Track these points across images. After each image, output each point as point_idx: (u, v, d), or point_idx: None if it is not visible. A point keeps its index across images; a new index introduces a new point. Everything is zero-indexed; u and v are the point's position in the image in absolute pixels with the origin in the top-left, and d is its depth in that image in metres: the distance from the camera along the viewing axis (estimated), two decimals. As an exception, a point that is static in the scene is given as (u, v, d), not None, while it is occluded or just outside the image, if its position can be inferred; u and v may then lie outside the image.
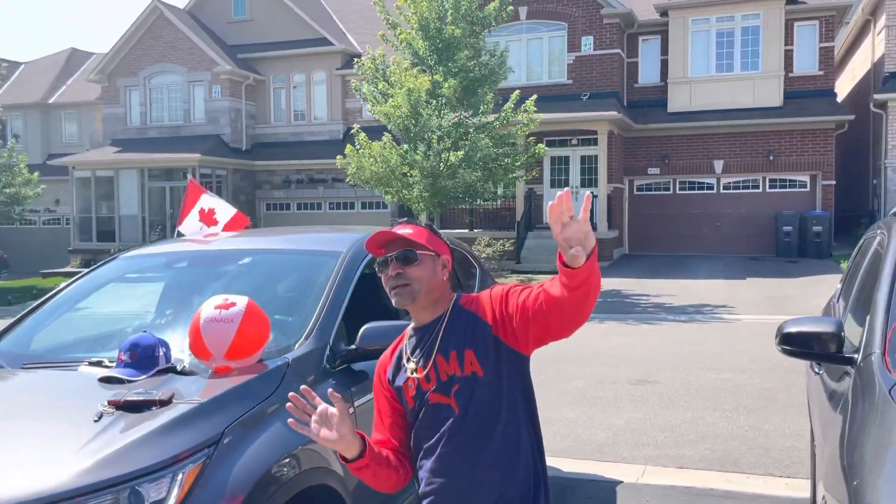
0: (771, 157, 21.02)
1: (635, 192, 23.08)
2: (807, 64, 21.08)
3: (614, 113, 19.97)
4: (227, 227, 4.29)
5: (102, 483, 2.02)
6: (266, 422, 2.47)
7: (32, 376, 2.86)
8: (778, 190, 21.50)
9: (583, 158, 22.10)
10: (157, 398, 2.35)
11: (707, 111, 21.35)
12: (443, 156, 16.30)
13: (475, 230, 21.46)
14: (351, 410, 2.07)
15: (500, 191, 22.13)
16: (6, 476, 2.03)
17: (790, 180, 21.40)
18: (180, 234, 4.43)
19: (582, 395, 7.65)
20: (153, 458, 2.10)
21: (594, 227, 20.26)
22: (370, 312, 3.16)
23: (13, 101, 30.06)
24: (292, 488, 2.39)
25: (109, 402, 2.34)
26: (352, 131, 17.61)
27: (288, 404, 1.90)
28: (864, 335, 2.49)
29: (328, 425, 1.88)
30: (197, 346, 2.67)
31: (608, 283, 17.46)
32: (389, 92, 16.34)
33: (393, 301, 2.01)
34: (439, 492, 1.95)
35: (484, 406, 1.95)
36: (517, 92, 17.08)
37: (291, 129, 26.52)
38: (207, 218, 4.08)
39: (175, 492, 2.08)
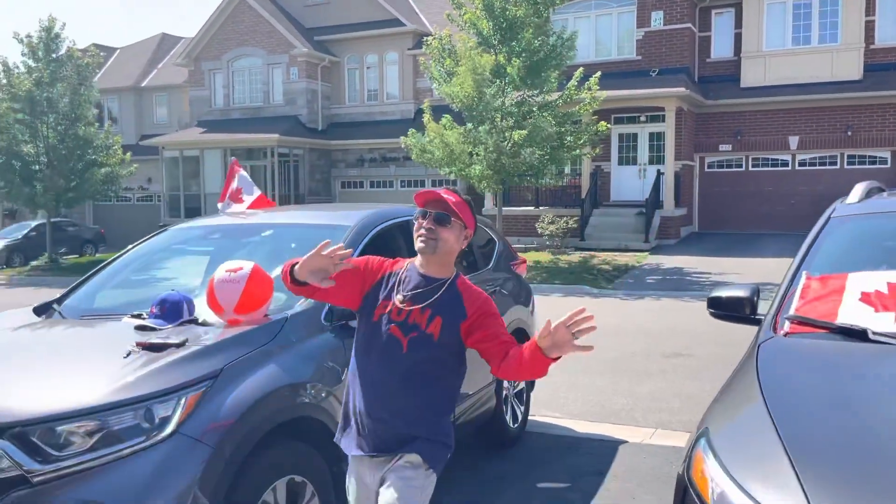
0: (849, 133, 20.34)
1: (706, 170, 22.75)
2: (889, 35, 20.20)
3: (682, 89, 19.75)
4: (251, 207, 4.85)
5: (124, 402, 2.61)
6: (261, 364, 3.01)
7: (86, 325, 3.55)
8: (857, 167, 20.78)
9: (651, 135, 21.93)
10: (173, 342, 2.94)
11: (782, 86, 20.81)
12: (506, 135, 16.62)
13: (540, 207, 21.70)
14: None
15: (566, 168, 22.29)
16: (54, 394, 2.65)
17: (870, 157, 20.65)
18: (224, 207, 4.99)
19: (613, 365, 7.98)
20: (163, 384, 2.68)
21: (661, 205, 20.29)
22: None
23: (109, 86, 32.03)
24: (278, 417, 2.94)
25: (137, 344, 2.94)
26: (422, 109, 18.09)
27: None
28: (772, 300, 2.82)
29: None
30: (212, 303, 3.25)
31: (671, 262, 17.46)
32: (454, 70, 16.76)
33: (417, 245, 2.45)
34: (362, 396, 2.45)
35: (425, 360, 2.42)
36: (581, 70, 17.19)
37: (365, 108, 27.31)
38: (235, 196, 4.66)
39: (178, 412, 2.65)
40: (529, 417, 5.90)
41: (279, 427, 2.95)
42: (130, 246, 4.46)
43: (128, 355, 2.87)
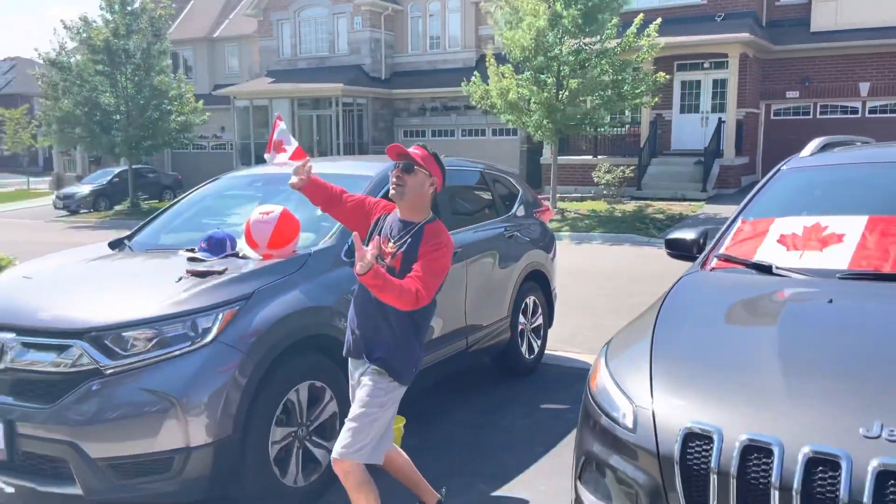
0: (924, 79, 19.56)
1: (772, 117, 22.28)
2: (972, -26, 19.16)
3: (746, 35, 19.31)
4: (292, 158, 5.49)
5: (175, 314, 3.29)
6: (287, 289, 3.65)
7: (150, 256, 4.29)
8: (930, 114, 20.05)
9: (715, 82, 21.55)
10: (215, 269, 3.60)
11: (854, 30, 20.07)
12: (562, 83, 16.75)
13: (598, 157, 21.77)
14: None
15: (627, 115, 22.19)
16: (121, 308, 3.35)
17: (945, 103, 19.86)
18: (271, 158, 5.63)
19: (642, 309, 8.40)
20: (205, 302, 3.35)
21: (721, 154, 20.10)
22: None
23: (183, 37, 33.22)
24: (299, 333, 3.59)
25: (187, 272, 3.61)
26: (484, 55, 18.27)
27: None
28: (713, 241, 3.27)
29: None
30: (248, 240, 3.90)
31: (727, 211, 17.41)
32: (512, 19, 16.90)
33: (390, 193, 3.03)
34: (352, 312, 3.12)
35: None
36: (640, 16, 17.02)
37: (427, 57, 27.61)
38: (278, 147, 5.30)
39: (217, 324, 3.32)
40: (549, 351, 6.46)
41: (302, 341, 3.61)
42: (189, 191, 5.17)
43: (179, 280, 3.55)
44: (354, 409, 2.97)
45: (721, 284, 2.84)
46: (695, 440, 1.92)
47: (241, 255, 3.99)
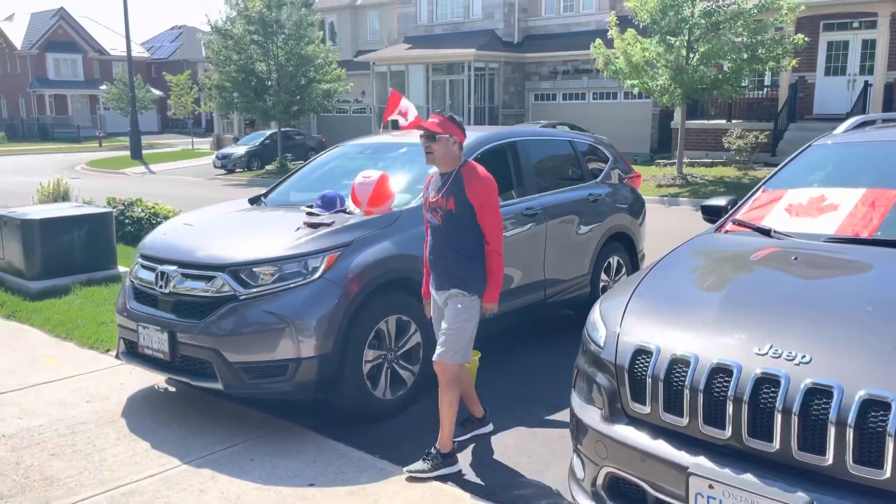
0: None
1: (928, 80, 20.71)
2: None
3: (899, -9, 18.08)
4: (411, 125, 6.36)
5: (292, 255, 4.22)
6: (381, 239, 4.49)
7: (279, 210, 5.28)
8: None
9: (864, 43, 20.37)
10: (325, 222, 4.49)
11: None
12: (693, 46, 16.52)
13: (732, 121, 21.21)
14: None
15: (766, 80, 21.39)
16: (253, 249, 4.31)
17: None
18: (387, 126, 6.57)
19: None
20: (315, 247, 4.26)
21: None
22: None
23: (328, 5, 34.99)
24: (390, 274, 4.43)
25: (304, 223, 4.53)
26: (626, 16, 18.24)
27: None
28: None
29: None
30: (353, 199, 4.76)
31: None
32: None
33: (425, 160, 3.82)
34: (429, 254, 3.93)
35: (452, 225, 3.75)
36: (780, -26, 16.39)
37: (560, 20, 27.67)
38: (404, 114, 6.23)
39: (323, 265, 4.21)
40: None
41: (392, 282, 4.44)
42: (314, 156, 6.13)
43: (297, 230, 4.47)
44: (446, 323, 3.75)
45: (719, 244, 3.34)
46: (641, 355, 2.55)
47: (348, 211, 4.86)
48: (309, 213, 4.80)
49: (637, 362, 2.55)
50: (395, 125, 6.28)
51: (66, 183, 10.93)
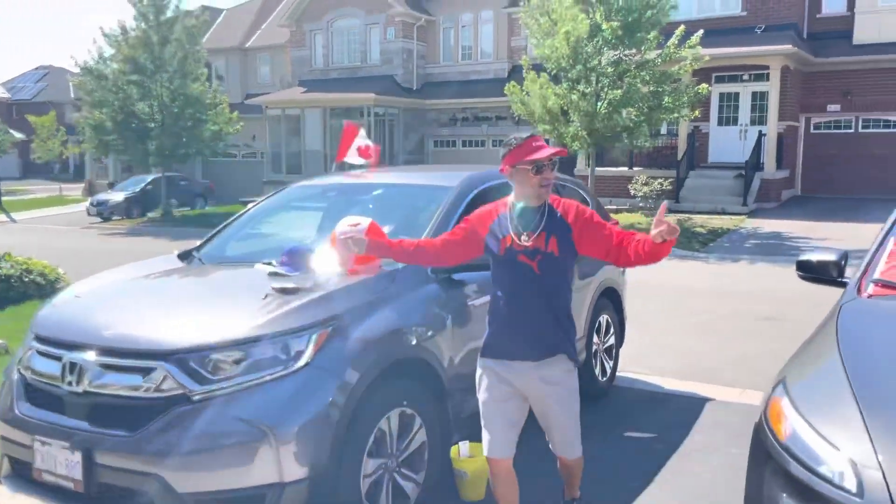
0: (973, 93, 19.04)
1: (812, 131, 21.82)
2: None
3: (788, 47, 18.92)
4: (374, 163, 5.25)
5: (266, 335, 3.03)
6: (378, 308, 3.39)
7: (224, 270, 4.03)
8: (979, 129, 19.49)
9: (754, 94, 21.16)
10: (305, 287, 3.35)
11: (898, 43, 19.62)
12: (601, 94, 16.45)
13: (634, 168, 21.42)
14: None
15: (663, 129, 21.80)
16: (206, 328, 3.10)
17: None
18: (341, 167, 5.39)
19: (704, 327, 8.08)
20: (297, 322, 3.09)
21: (761, 167, 19.64)
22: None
23: (216, 46, 33.34)
24: (394, 355, 3.32)
25: (273, 288, 3.36)
26: (522, 66, 17.87)
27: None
28: (861, 264, 2.96)
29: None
30: (336, 253, 3.63)
31: (770, 226, 17.01)
32: (551, 31, 16.62)
33: (542, 192, 2.94)
34: (508, 313, 2.97)
35: (553, 274, 2.92)
36: (682, 27, 16.67)
37: (458, 68, 27.45)
38: (364, 153, 5.07)
39: (310, 347, 3.06)
40: (618, 373, 6.13)
41: (397, 364, 3.34)
42: (255, 202, 4.93)
43: (266, 297, 3.29)
44: (565, 407, 3.05)
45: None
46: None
47: (316, 269, 3.73)
48: (274, 275, 3.63)
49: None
50: (350, 166, 5.14)
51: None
